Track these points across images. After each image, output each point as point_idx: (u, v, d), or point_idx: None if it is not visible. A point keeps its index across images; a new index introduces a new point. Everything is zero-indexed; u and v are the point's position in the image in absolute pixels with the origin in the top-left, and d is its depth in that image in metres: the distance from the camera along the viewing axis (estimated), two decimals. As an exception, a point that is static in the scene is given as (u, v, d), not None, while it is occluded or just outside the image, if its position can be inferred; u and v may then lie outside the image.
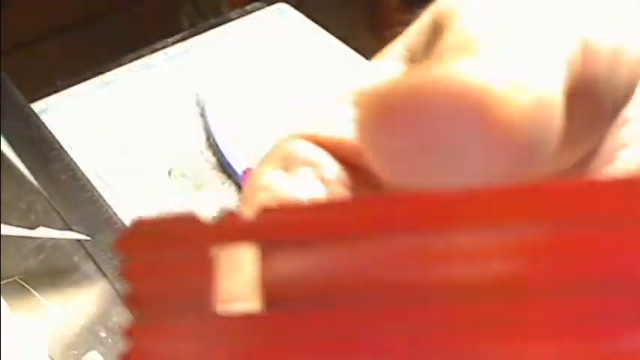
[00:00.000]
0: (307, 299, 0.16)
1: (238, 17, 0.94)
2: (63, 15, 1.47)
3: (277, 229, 0.16)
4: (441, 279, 0.15)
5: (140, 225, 0.17)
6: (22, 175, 0.76)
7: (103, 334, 0.66)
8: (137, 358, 0.17)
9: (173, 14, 1.45)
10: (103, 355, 0.65)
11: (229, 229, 0.16)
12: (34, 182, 0.74)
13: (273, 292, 0.16)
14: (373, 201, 0.15)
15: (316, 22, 0.92)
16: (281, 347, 0.15)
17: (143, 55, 0.88)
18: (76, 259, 0.69)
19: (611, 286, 0.14)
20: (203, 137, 0.79)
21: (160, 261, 0.17)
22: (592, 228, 0.14)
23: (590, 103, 0.17)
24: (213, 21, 0.94)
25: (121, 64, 0.87)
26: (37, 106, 0.82)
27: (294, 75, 0.85)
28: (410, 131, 0.15)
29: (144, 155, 0.77)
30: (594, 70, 0.16)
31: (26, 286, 0.67)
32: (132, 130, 0.79)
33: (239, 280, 0.19)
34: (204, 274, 0.16)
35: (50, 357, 0.65)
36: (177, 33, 0.91)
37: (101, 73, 0.86)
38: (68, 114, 0.82)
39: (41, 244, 0.69)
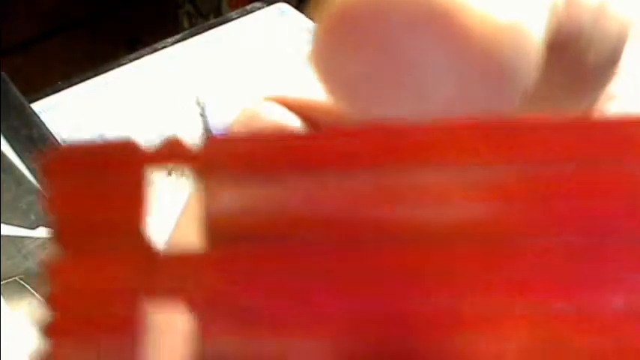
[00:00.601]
0: (254, 237, 0.14)
1: (238, 17, 0.94)
2: (63, 15, 1.47)
3: (224, 157, 0.14)
4: (405, 220, 0.14)
5: (69, 149, 0.15)
6: (22, 175, 0.76)
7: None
8: (62, 297, 0.15)
9: (173, 14, 1.45)
10: None
11: (171, 155, 0.15)
12: (34, 182, 0.74)
13: (217, 228, 0.14)
14: (331, 133, 0.14)
15: (316, 22, 0.92)
16: (224, 285, 0.14)
17: (143, 55, 0.88)
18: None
19: (587, 232, 0.13)
20: (203, 137, 0.79)
21: (91, 188, 0.15)
22: (568, 169, 0.13)
23: (571, 59, 0.16)
24: (213, 21, 0.94)
25: (121, 64, 0.87)
26: (37, 106, 0.82)
27: (294, 75, 0.85)
28: (369, 45, 0.13)
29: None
30: (577, 21, 0.15)
31: (26, 286, 0.67)
32: (132, 130, 0.79)
33: (184, 219, 0.19)
34: (141, 205, 0.15)
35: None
36: (177, 33, 0.91)
37: (101, 73, 0.86)
38: (68, 114, 0.82)
39: (41, 244, 0.69)
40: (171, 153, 0.14)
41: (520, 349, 0.13)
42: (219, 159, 0.14)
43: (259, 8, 0.95)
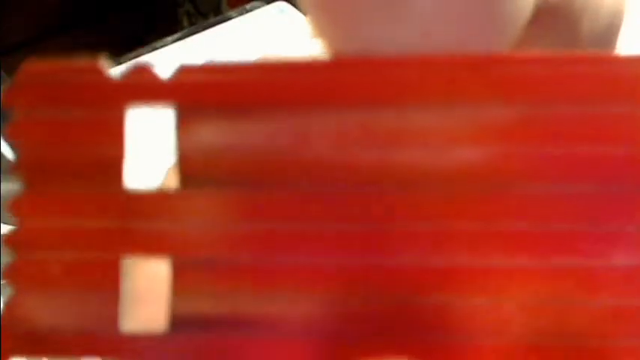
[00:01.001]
0: (228, 175, 0.13)
1: (238, 16, 0.94)
2: (63, 15, 1.47)
3: (199, 89, 0.13)
4: (395, 164, 0.13)
5: (33, 74, 0.14)
6: (22, 175, 0.75)
7: None
8: (24, 237, 0.14)
9: (173, 13, 1.45)
10: None
11: (143, 86, 0.13)
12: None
13: (190, 166, 0.13)
14: (315, 67, 0.13)
15: (316, 21, 0.92)
16: (196, 228, 0.13)
17: (143, 54, 0.88)
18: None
19: (590, 180, 0.12)
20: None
21: (57, 119, 0.13)
22: (570, 110, 0.12)
23: (565, 25, 0.15)
24: (212, 20, 0.94)
25: (120, 63, 0.87)
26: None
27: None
28: None
29: (144, 155, 0.77)
30: None
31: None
32: (131, 130, 0.79)
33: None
34: (112, 140, 0.13)
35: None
36: (176, 32, 0.91)
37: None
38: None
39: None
40: (146, 84, 0.13)
41: (519, 307, 0.12)
42: (195, 93, 0.13)
43: (259, 7, 0.95)
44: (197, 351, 0.13)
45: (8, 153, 0.78)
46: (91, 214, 0.13)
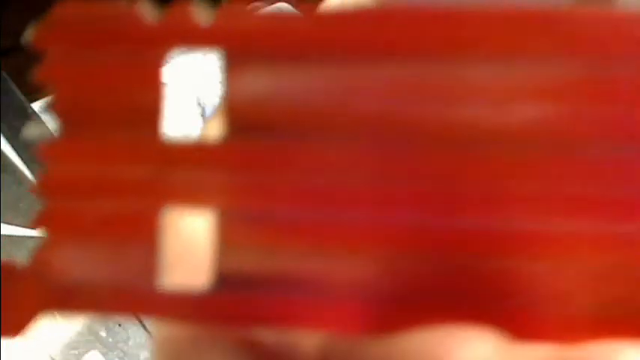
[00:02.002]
0: (277, 126, 0.12)
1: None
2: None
3: (248, 34, 0.12)
4: (452, 121, 0.12)
5: (67, 14, 0.13)
6: (22, 175, 0.76)
7: (104, 334, 0.66)
8: (57, 183, 0.13)
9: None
10: (103, 354, 0.65)
11: (184, 30, 0.12)
12: (34, 182, 0.74)
13: (237, 115, 0.12)
14: (370, 16, 0.12)
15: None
16: (240, 181, 0.12)
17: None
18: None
19: None
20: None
21: (92, 62, 0.13)
22: (638, 70, 0.12)
23: None
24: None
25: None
26: (37, 106, 0.82)
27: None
28: None
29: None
30: None
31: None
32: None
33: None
34: (149, 85, 0.13)
35: (51, 357, 0.65)
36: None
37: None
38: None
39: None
40: (187, 28, 0.12)
41: (585, 275, 0.12)
42: (244, 35, 0.12)
43: (260, 8, 0.94)
44: (241, 310, 0.12)
45: (8, 152, 0.78)
46: (128, 161, 0.13)
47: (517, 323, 0.12)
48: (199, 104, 0.83)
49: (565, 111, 0.12)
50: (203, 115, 0.81)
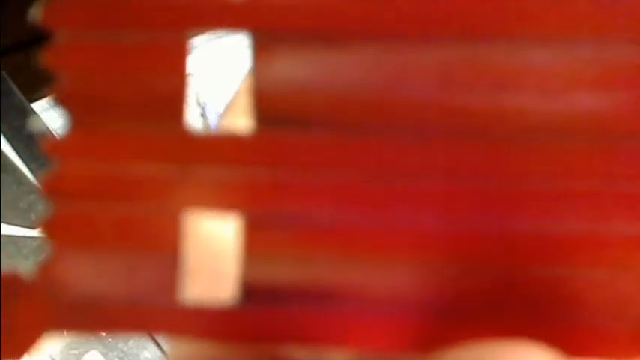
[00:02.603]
0: (312, 116, 0.11)
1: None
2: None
3: (281, 12, 0.11)
4: (501, 107, 0.11)
5: None
6: (22, 175, 0.75)
7: (104, 334, 0.66)
8: (67, 184, 0.11)
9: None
10: (103, 354, 0.65)
11: (211, 6, 0.11)
12: (35, 182, 0.74)
13: (267, 104, 0.11)
14: None
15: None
16: (271, 181, 0.11)
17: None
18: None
19: None
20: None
21: (107, 44, 0.11)
22: None
23: None
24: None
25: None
26: (37, 106, 0.82)
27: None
28: None
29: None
30: None
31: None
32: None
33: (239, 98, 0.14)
34: (171, 70, 0.11)
35: (50, 357, 0.65)
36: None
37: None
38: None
39: (41, 244, 0.69)
40: (215, 8, 0.11)
41: (638, 282, 0.11)
42: (276, 13, 0.11)
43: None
44: (270, 326, 0.11)
45: (8, 152, 0.78)
46: (146, 158, 0.11)
47: (573, 337, 0.11)
48: (199, 104, 0.83)
49: (625, 99, 0.11)
50: (203, 114, 0.81)
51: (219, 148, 0.11)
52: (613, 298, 0.11)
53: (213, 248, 0.13)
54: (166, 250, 0.11)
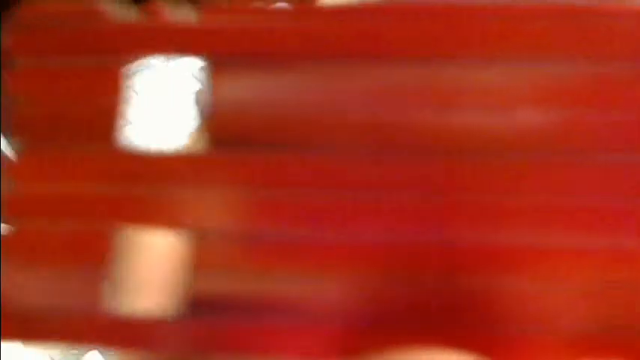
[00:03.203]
0: (258, 136, 0.11)
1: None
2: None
3: (228, 36, 0.10)
4: (446, 124, 0.11)
5: (29, 16, 0.11)
6: None
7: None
8: (21, 204, 0.12)
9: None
10: (103, 354, 0.64)
11: (159, 33, 0.11)
12: None
13: (217, 127, 0.11)
14: (363, 13, 0.10)
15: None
16: (214, 196, 0.11)
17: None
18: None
19: None
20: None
21: (55, 68, 0.11)
22: None
23: None
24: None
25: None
26: None
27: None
28: None
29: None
30: None
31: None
32: (132, 129, 0.79)
33: None
34: (114, 93, 0.11)
35: (50, 357, 0.64)
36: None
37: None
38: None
39: None
40: (159, 32, 0.11)
41: (579, 294, 0.11)
42: (223, 37, 0.11)
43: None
44: (211, 337, 0.12)
45: (9, 152, 0.78)
46: (89, 177, 0.12)
47: (504, 346, 0.11)
48: (198, 104, 0.82)
49: (567, 115, 0.12)
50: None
51: (160, 166, 0.12)
52: (544, 309, 0.12)
53: (158, 261, 0.14)
54: (106, 264, 0.12)
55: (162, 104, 0.85)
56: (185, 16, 0.11)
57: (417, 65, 0.11)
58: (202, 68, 0.12)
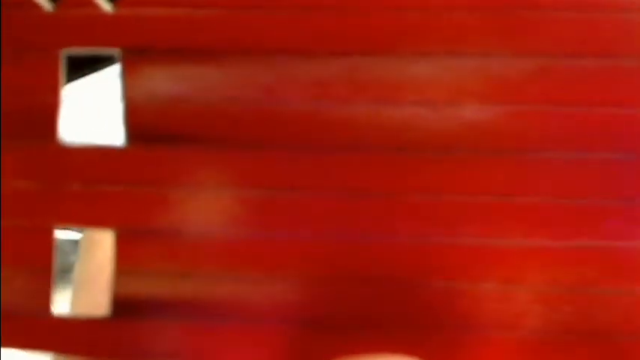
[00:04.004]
0: (183, 130, 0.11)
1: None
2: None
3: (149, 27, 0.11)
4: (382, 120, 0.10)
5: None
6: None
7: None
8: None
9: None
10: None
11: (83, 22, 0.12)
12: None
13: (138, 119, 0.11)
14: (294, 5, 0.10)
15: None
16: (145, 192, 0.11)
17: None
18: (73, 258, 0.68)
19: (614, 146, 0.10)
20: None
21: None
22: (589, 64, 0.10)
23: None
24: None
25: (100, 70, 0.85)
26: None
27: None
28: None
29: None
30: None
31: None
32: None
33: None
34: (46, 86, 0.12)
35: (50, 357, 0.63)
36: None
37: (100, 70, 0.84)
38: (67, 112, 0.80)
39: None
40: (85, 19, 0.11)
41: (535, 295, 0.11)
42: (145, 28, 0.11)
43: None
44: (143, 339, 0.11)
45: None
46: (22, 173, 0.12)
47: (459, 351, 0.11)
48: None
49: (509, 110, 0.11)
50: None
51: (90, 161, 0.12)
52: (505, 310, 0.11)
53: (98, 263, 0.14)
54: (40, 263, 0.12)
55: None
56: (101, 6, 0.11)
57: (349, 59, 0.10)
58: (122, 60, 0.11)
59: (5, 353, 0.62)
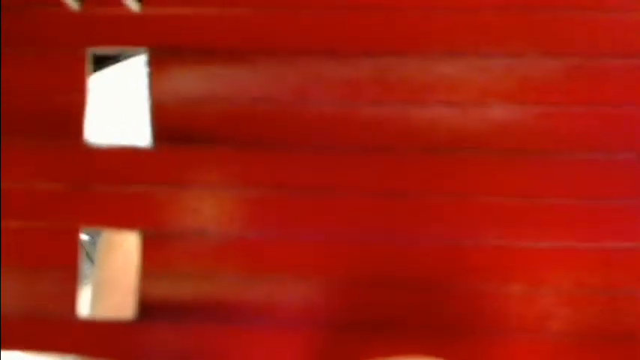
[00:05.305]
0: (210, 132, 0.11)
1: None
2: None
3: (179, 27, 0.11)
4: (411, 121, 0.11)
5: None
6: None
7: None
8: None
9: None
10: None
11: (110, 21, 0.12)
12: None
13: (165, 119, 0.11)
14: (322, 6, 0.10)
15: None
16: (173, 194, 0.11)
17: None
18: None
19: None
20: None
21: (10, 60, 0.12)
22: (617, 64, 0.10)
23: None
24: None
25: (121, 61, 0.86)
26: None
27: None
28: None
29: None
30: None
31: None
32: (132, 129, 0.78)
33: None
34: (72, 85, 0.12)
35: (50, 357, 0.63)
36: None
37: (100, 69, 0.85)
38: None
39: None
40: (111, 18, 0.11)
41: (561, 298, 0.11)
42: (174, 28, 0.11)
43: None
44: (170, 342, 0.11)
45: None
46: (48, 174, 0.12)
47: (484, 353, 0.11)
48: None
49: (537, 111, 0.11)
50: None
51: (116, 162, 0.12)
52: (530, 312, 0.11)
53: (123, 264, 0.14)
54: (66, 265, 0.12)
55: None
56: (128, 5, 0.11)
57: (378, 60, 0.10)
58: (149, 60, 0.11)
59: (5, 354, 0.62)
